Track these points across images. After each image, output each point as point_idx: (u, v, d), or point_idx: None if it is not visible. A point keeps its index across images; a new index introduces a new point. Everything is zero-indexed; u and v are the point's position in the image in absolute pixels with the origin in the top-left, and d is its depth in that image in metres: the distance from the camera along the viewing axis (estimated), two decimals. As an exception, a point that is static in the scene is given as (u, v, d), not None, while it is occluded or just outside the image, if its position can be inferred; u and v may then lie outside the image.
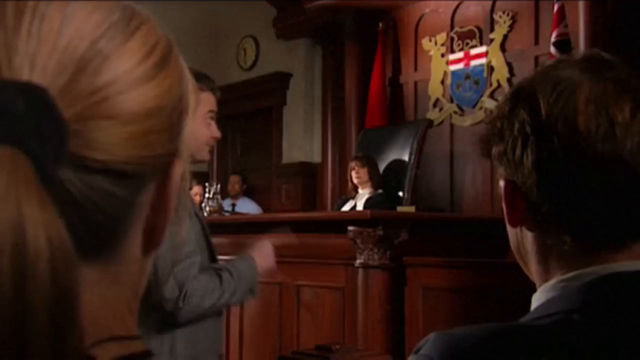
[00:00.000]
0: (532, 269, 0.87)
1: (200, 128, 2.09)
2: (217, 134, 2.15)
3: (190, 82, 0.52)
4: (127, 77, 0.45)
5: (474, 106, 5.22)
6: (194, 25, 6.87)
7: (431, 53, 5.51)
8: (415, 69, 5.67)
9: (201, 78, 2.08)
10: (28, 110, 0.38)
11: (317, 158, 6.52)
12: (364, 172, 4.70)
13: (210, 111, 2.13)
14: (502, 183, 0.86)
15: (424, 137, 4.90)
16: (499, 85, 5.06)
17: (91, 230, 0.44)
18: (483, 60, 5.17)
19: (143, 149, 0.45)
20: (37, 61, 0.42)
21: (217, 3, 7.13)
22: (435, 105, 5.48)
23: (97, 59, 0.44)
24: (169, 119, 0.47)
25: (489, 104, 5.03)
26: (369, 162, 4.74)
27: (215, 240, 2.14)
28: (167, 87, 0.47)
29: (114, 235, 0.46)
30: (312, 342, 2.32)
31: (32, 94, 0.39)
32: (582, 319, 0.76)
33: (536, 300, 0.84)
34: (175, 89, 0.48)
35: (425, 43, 5.55)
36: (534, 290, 0.86)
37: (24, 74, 0.41)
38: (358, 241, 3.15)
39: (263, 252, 2.12)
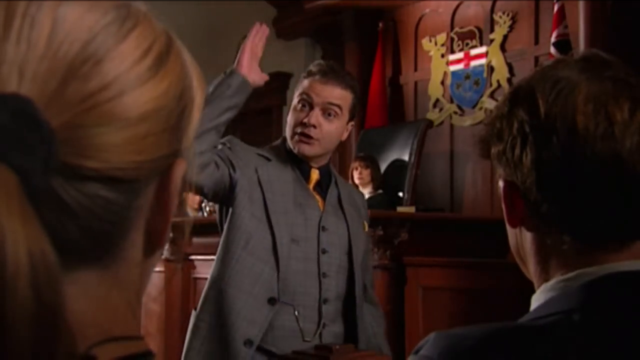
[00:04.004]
0: (532, 269, 0.87)
1: (291, 112, 2.00)
2: (307, 119, 1.95)
3: (195, 77, 0.50)
4: (120, 81, 0.43)
5: (474, 106, 5.22)
6: (193, 25, 6.87)
7: (431, 53, 5.51)
8: (415, 69, 5.66)
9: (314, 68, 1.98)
10: (12, 123, 0.38)
11: (317, 158, 6.52)
12: (367, 173, 4.70)
13: (299, 95, 1.98)
14: (501, 183, 0.86)
15: (424, 137, 4.89)
16: (499, 86, 5.06)
17: (89, 236, 0.44)
18: (483, 61, 5.17)
19: (139, 154, 0.44)
20: (26, 68, 0.41)
21: (217, 3, 7.13)
22: (435, 105, 5.48)
23: (87, 64, 0.42)
24: (168, 120, 0.46)
25: (489, 104, 5.03)
26: (373, 164, 4.74)
27: (213, 239, 2.12)
28: (164, 89, 0.46)
29: (113, 240, 0.46)
30: (312, 342, 2.33)
31: (16, 106, 0.38)
32: (581, 319, 0.76)
33: (536, 300, 0.84)
34: (173, 89, 0.47)
35: (425, 43, 5.55)
36: (534, 290, 0.86)
37: (12, 83, 0.40)
38: (358, 241, 3.15)
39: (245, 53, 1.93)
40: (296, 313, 1.94)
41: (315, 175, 2.04)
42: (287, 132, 2.00)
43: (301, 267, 1.96)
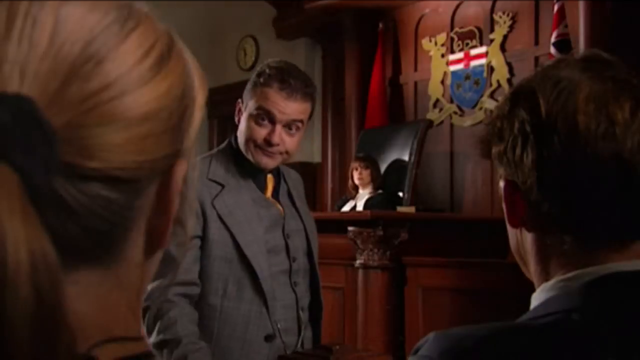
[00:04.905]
0: (532, 269, 0.87)
1: (243, 125, 1.90)
2: (271, 137, 1.85)
3: (197, 77, 0.51)
4: (121, 82, 0.43)
5: (474, 106, 5.22)
6: (194, 25, 6.86)
7: (431, 53, 5.51)
8: (415, 69, 5.66)
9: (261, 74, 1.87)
10: (14, 123, 0.38)
11: (317, 158, 6.52)
12: (366, 173, 4.70)
13: (260, 108, 1.86)
14: (502, 183, 0.86)
15: (424, 138, 4.89)
16: (499, 86, 5.06)
17: (90, 236, 0.44)
18: (483, 61, 5.17)
19: (140, 154, 0.44)
20: (28, 68, 0.41)
21: (217, 3, 7.13)
22: (435, 105, 5.48)
23: (89, 64, 0.42)
24: (169, 120, 0.46)
25: (489, 104, 5.03)
26: (372, 164, 4.74)
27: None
28: (165, 89, 0.46)
29: (114, 240, 0.46)
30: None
31: (18, 106, 0.39)
32: (581, 318, 0.76)
33: (535, 299, 0.84)
34: (175, 89, 0.47)
35: (425, 43, 5.55)
36: (534, 290, 0.86)
37: (14, 83, 0.40)
38: (358, 241, 3.15)
39: None
40: (278, 326, 1.88)
41: (271, 182, 1.98)
42: (243, 142, 1.90)
43: (280, 282, 1.91)
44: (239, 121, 1.94)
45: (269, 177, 1.97)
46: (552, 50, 4.34)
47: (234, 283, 1.84)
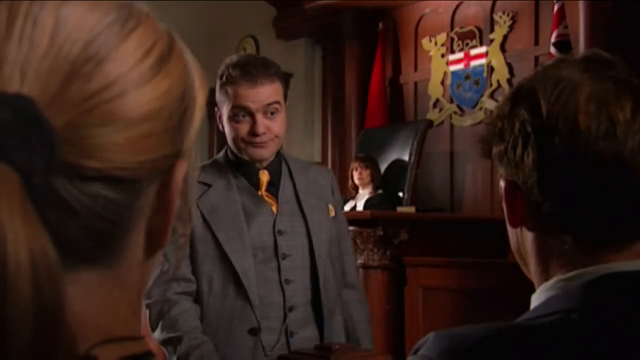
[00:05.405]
0: (532, 269, 0.87)
1: (227, 129, 1.91)
2: (255, 128, 1.86)
3: (197, 77, 0.50)
4: (122, 81, 0.43)
5: (474, 106, 5.22)
6: (194, 25, 6.87)
7: (431, 53, 5.51)
8: (415, 69, 5.67)
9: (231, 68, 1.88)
10: (15, 123, 0.38)
11: (317, 158, 6.52)
12: (366, 173, 4.71)
13: (234, 107, 1.88)
14: (502, 183, 0.86)
15: (424, 138, 4.90)
16: (499, 86, 5.06)
17: (90, 235, 0.44)
18: (483, 61, 5.17)
19: (140, 154, 0.44)
20: (29, 68, 0.41)
21: (217, 3, 7.13)
22: (435, 105, 5.49)
23: (89, 64, 0.42)
24: (169, 120, 0.46)
25: (489, 104, 5.04)
26: (372, 164, 4.75)
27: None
28: (165, 89, 0.46)
29: (114, 240, 0.46)
30: (312, 342, 2.33)
31: (19, 105, 0.39)
32: (580, 318, 0.76)
33: (535, 299, 0.84)
34: (175, 89, 0.47)
35: (425, 43, 5.56)
36: (534, 290, 0.86)
37: (14, 83, 0.40)
38: (358, 241, 3.15)
39: None
40: (260, 325, 1.87)
41: (265, 177, 1.95)
42: (233, 144, 1.91)
43: (267, 280, 1.89)
44: (222, 128, 1.95)
45: (263, 172, 1.96)
46: (552, 50, 4.35)
47: (218, 280, 1.86)
